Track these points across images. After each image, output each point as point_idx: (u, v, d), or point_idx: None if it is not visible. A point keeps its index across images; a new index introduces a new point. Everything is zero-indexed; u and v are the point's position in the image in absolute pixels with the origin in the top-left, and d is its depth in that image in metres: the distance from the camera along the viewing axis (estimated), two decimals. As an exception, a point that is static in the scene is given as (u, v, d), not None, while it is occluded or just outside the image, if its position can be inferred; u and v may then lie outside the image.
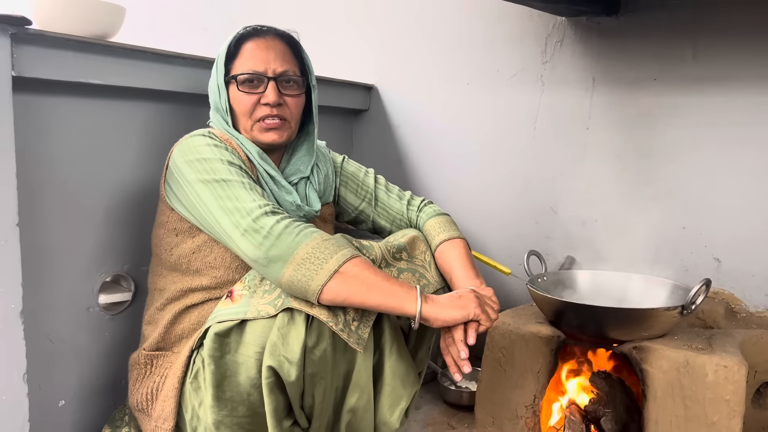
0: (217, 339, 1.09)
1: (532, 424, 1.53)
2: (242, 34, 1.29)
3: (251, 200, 1.11)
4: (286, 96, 1.28)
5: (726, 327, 1.55)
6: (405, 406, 1.20)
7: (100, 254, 1.42)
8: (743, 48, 1.56)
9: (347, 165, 1.48)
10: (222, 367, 1.10)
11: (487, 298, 1.17)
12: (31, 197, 1.26)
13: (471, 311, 1.10)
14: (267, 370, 1.06)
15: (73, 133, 1.34)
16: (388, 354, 1.18)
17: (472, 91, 2.03)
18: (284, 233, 1.07)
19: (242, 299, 1.11)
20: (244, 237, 1.08)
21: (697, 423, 1.29)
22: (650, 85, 1.71)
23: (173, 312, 1.25)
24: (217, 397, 1.10)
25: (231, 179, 1.14)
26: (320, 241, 1.07)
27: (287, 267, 1.05)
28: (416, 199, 1.46)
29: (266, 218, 1.08)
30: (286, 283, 1.06)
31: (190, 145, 1.20)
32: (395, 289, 1.08)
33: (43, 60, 1.22)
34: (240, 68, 1.26)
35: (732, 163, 1.61)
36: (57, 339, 1.36)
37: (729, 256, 1.63)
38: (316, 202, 1.35)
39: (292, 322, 1.06)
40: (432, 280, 1.25)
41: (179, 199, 1.21)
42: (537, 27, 1.88)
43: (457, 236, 1.33)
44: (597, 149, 1.81)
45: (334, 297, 1.05)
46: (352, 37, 2.31)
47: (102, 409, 1.46)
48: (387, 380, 1.19)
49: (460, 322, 1.10)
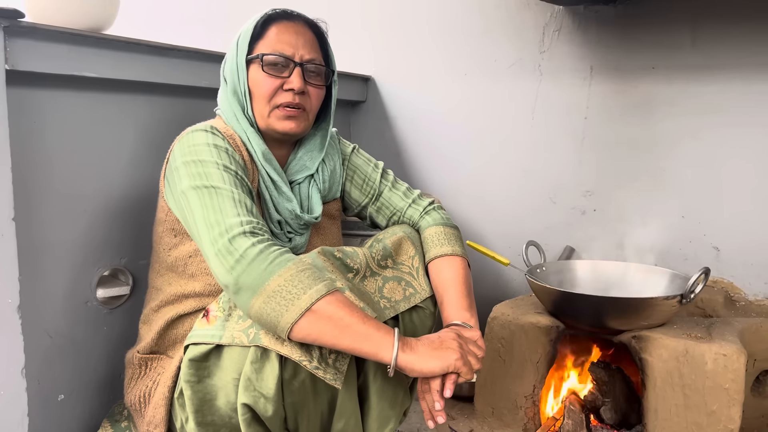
0: (192, 365, 1.05)
1: (532, 414, 1.53)
2: (270, 15, 1.22)
3: (234, 215, 1.05)
4: (310, 85, 1.22)
5: (725, 315, 1.55)
6: (394, 427, 1.15)
7: (97, 248, 1.41)
8: (742, 35, 1.56)
9: (355, 157, 1.40)
10: (200, 392, 1.06)
11: (471, 342, 1.09)
12: (26, 191, 1.26)
13: (451, 363, 1.01)
14: (242, 407, 1.02)
15: (69, 127, 1.33)
16: (372, 378, 1.13)
17: (470, 82, 2.02)
18: (257, 259, 0.99)
19: (217, 321, 1.06)
20: (217, 257, 1.02)
21: (697, 411, 1.29)
22: (649, 74, 1.70)
23: (166, 319, 1.22)
24: (198, 421, 1.07)
25: (221, 187, 1.08)
26: (294, 272, 0.99)
27: (257, 298, 0.98)
28: (424, 200, 1.36)
29: (243, 239, 1.01)
30: (254, 315, 0.99)
31: (190, 142, 1.15)
32: (371, 333, 0.99)
33: (37, 53, 1.21)
34: (266, 49, 1.19)
35: (731, 151, 1.60)
36: (55, 333, 1.36)
37: (728, 245, 1.63)
38: (318, 206, 1.29)
39: (266, 356, 1.01)
40: (419, 289, 1.20)
41: (174, 199, 1.17)
42: (535, 16, 1.87)
43: (458, 253, 1.25)
44: (595, 138, 1.81)
45: (304, 336, 0.98)
46: (349, 28, 2.29)
47: (101, 402, 1.46)
48: (373, 404, 1.13)
49: (438, 374, 1.02)
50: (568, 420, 1.44)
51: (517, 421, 1.54)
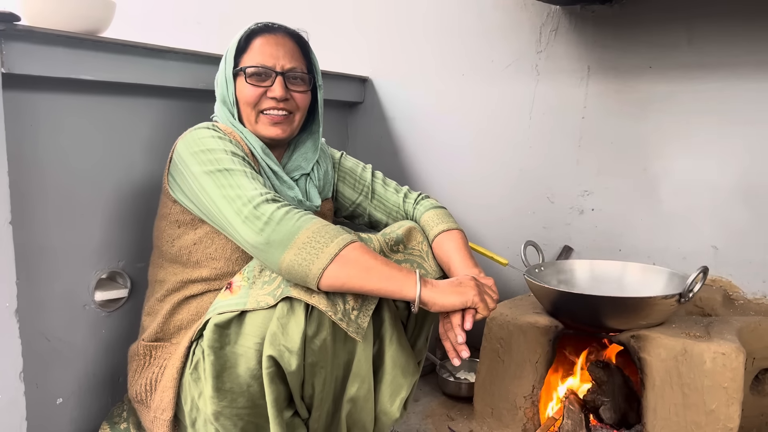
0: (216, 330, 1.10)
1: (531, 414, 1.53)
2: (253, 30, 1.30)
3: (253, 188, 1.12)
4: (293, 91, 1.30)
5: (724, 314, 1.55)
6: (405, 395, 1.21)
7: (95, 251, 1.41)
8: (738, 34, 1.56)
9: (345, 160, 1.49)
10: (222, 358, 1.11)
11: (487, 287, 1.17)
12: (23, 195, 1.26)
13: (470, 298, 1.10)
14: (267, 359, 1.07)
15: (65, 130, 1.33)
16: (388, 343, 1.19)
17: (468, 82, 2.02)
18: (285, 219, 1.07)
19: (241, 290, 1.12)
20: (245, 224, 1.09)
21: (696, 411, 1.29)
22: (645, 73, 1.70)
23: (172, 303, 1.26)
24: (216, 388, 1.11)
25: (233, 168, 1.15)
26: (321, 225, 1.08)
27: (288, 252, 1.05)
28: (413, 193, 1.46)
29: (267, 205, 1.09)
30: (286, 268, 1.06)
31: (195, 137, 1.21)
32: (394, 273, 1.08)
33: (33, 56, 1.21)
34: (249, 62, 1.28)
35: (729, 149, 1.60)
36: (53, 337, 1.36)
37: (726, 244, 1.63)
38: (317, 198, 1.36)
39: (292, 312, 1.06)
40: (430, 270, 1.26)
41: (183, 191, 1.22)
42: (531, 16, 1.87)
43: (454, 227, 1.34)
44: (593, 138, 1.81)
45: (333, 281, 1.05)
46: (346, 29, 2.29)
47: (100, 406, 1.46)
48: (387, 370, 1.20)
49: (458, 308, 1.11)
50: (568, 420, 1.44)
51: (517, 421, 1.54)
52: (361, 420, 1.19)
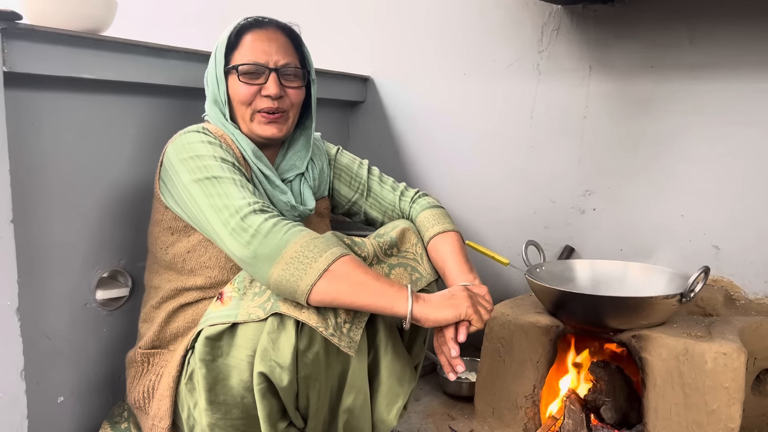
0: (208, 343, 1.08)
1: (532, 413, 1.53)
2: (243, 25, 1.26)
3: (241, 198, 1.09)
4: (287, 88, 1.26)
5: (725, 314, 1.55)
6: (402, 404, 1.18)
7: (96, 250, 1.41)
8: (740, 33, 1.55)
9: (341, 157, 1.46)
10: (214, 370, 1.09)
11: (480, 297, 1.14)
12: (25, 194, 1.26)
13: (463, 311, 1.07)
14: (258, 376, 1.05)
15: (66, 129, 1.33)
16: (383, 353, 1.17)
17: (469, 81, 2.02)
18: (272, 231, 1.04)
19: (232, 301, 1.10)
20: (232, 236, 1.06)
21: (697, 411, 1.29)
22: (647, 73, 1.70)
23: (167, 311, 1.24)
24: (210, 400, 1.09)
25: (222, 176, 1.12)
26: (309, 239, 1.05)
27: (276, 266, 1.02)
28: (410, 191, 1.43)
29: (254, 216, 1.06)
30: (274, 283, 1.03)
31: (184, 141, 1.18)
32: (385, 289, 1.05)
33: (35, 55, 1.21)
34: (241, 59, 1.24)
35: (730, 149, 1.60)
36: (54, 335, 1.36)
37: (728, 244, 1.63)
38: (311, 200, 1.33)
39: (282, 327, 1.04)
40: (424, 273, 1.23)
41: (173, 197, 1.20)
42: (533, 16, 1.87)
43: (450, 229, 1.31)
44: (594, 138, 1.81)
45: (323, 297, 1.02)
46: (348, 28, 2.29)
47: (101, 405, 1.46)
48: (383, 380, 1.17)
49: (452, 322, 1.07)
50: (569, 419, 1.44)
51: (518, 421, 1.54)
52: (358, 428, 1.17)
